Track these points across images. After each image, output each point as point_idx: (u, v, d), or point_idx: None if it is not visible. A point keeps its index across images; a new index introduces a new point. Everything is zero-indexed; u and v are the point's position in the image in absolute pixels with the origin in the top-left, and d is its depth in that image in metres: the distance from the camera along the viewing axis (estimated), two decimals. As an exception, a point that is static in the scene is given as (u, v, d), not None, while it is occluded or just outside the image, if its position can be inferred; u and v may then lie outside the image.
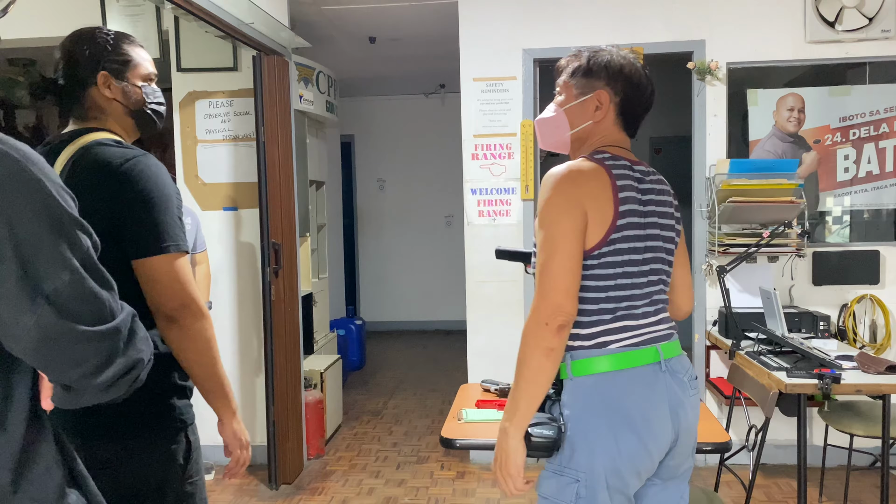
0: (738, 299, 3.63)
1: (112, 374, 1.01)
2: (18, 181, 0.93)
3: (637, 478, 1.56)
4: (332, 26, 4.86)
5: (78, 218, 1.00)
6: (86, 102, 1.58)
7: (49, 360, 0.97)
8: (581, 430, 1.54)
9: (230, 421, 1.66)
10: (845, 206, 3.88)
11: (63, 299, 0.95)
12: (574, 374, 1.56)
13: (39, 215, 0.94)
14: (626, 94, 1.65)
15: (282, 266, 3.73)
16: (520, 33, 3.97)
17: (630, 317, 1.57)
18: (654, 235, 1.62)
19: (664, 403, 1.56)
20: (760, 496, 3.51)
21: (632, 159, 1.65)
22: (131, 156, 1.49)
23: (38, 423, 1.03)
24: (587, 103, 1.66)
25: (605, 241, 1.53)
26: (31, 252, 0.93)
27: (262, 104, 3.62)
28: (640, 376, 1.55)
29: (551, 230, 1.52)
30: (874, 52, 3.77)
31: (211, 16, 2.98)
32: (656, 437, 1.55)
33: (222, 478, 1.76)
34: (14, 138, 0.98)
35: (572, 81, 1.68)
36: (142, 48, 1.68)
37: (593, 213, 1.53)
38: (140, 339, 1.07)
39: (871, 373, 2.67)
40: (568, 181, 1.54)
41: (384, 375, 6.21)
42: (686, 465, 1.67)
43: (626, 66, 1.65)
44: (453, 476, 3.88)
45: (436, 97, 7.73)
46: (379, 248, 8.16)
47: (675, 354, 1.63)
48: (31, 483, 0.99)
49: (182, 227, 1.53)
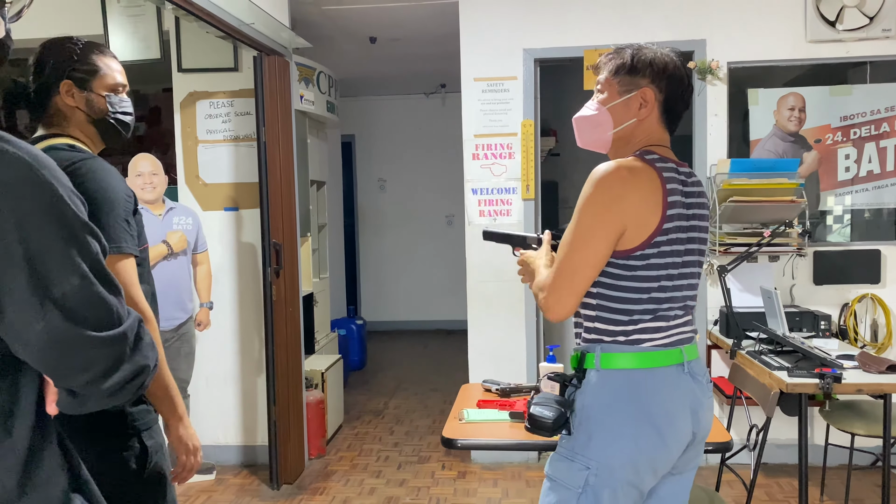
0: (739, 299, 3.63)
1: (118, 379, 1.01)
2: (30, 185, 0.93)
3: (653, 474, 1.58)
4: (333, 26, 4.86)
5: (87, 222, 1.00)
6: (50, 110, 1.63)
7: (56, 364, 0.97)
8: (603, 420, 1.56)
9: (175, 425, 1.67)
10: (846, 205, 3.88)
11: (72, 304, 0.95)
12: (602, 366, 1.58)
13: (50, 219, 0.94)
14: (669, 91, 1.64)
15: (283, 266, 3.73)
16: (520, 33, 3.97)
17: (664, 318, 1.59)
18: (694, 239, 1.63)
19: (686, 404, 1.59)
20: (761, 496, 3.51)
21: (676, 161, 1.66)
22: (78, 159, 1.52)
23: (43, 428, 1.02)
24: (631, 101, 1.64)
25: (649, 242, 1.54)
26: (41, 256, 0.93)
27: (263, 104, 3.62)
28: (666, 376, 1.58)
29: (582, 226, 1.54)
30: (875, 51, 3.77)
31: (211, 16, 2.99)
32: (677, 437, 1.57)
33: (170, 482, 1.75)
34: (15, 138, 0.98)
35: (615, 79, 1.66)
36: (113, 59, 1.71)
37: (639, 214, 1.53)
38: (146, 344, 1.07)
39: (872, 372, 2.67)
40: (617, 179, 1.54)
41: (385, 375, 6.21)
42: (695, 462, 1.71)
43: (670, 63, 1.64)
44: (454, 476, 3.89)
45: (436, 97, 7.73)
46: (380, 248, 8.17)
47: (695, 357, 1.65)
48: (37, 488, 0.99)
49: (129, 229, 1.55)
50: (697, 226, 1.64)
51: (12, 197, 0.91)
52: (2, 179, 0.91)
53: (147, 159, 3.62)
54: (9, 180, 0.92)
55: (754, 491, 2.36)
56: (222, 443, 4.15)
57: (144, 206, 3.60)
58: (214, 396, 4.15)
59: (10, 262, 0.91)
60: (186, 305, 3.69)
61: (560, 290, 1.57)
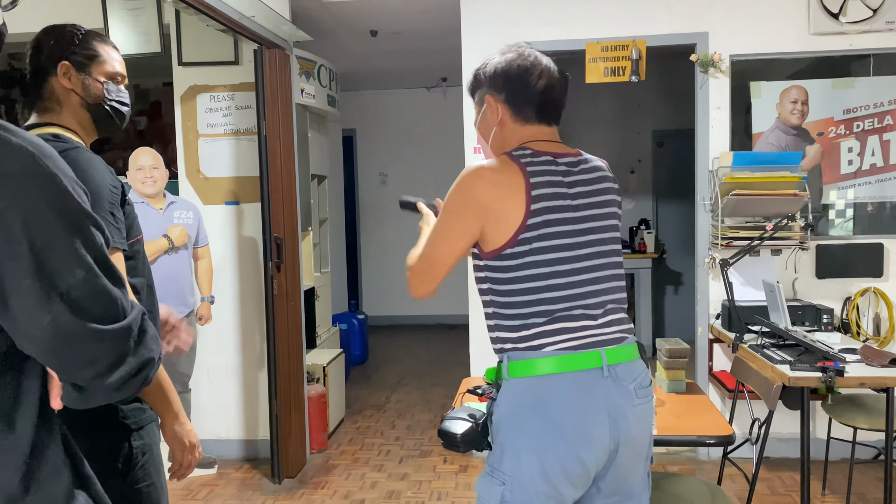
0: (742, 292, 3.62)
1: (123, 373, 0.99)
2: (34, 176, 0.92)
3: (571, 486, 1.50)
4: (334, 20, 4.84)
5: (92, 214, 0.98)
6: (45, 93, 1.59)
7: (62, 358, 0.95)
8: (510, 432, 1.51)
9: (170, 423, 1.64)
10: (849, 198, 3.86)
11: (77, 297, 0.93)
12: (510, 375, 1.54)
13: (55, 211, 0.92)
14: (507, 89, 1.63)
15: (284, 260, 3.73)
16: (522, 26, 3.95)
17: (568, 318, 1.51)
18: (593, 229, 1.57)
19: (602, 411, 1.49)
20: (764, 489, 3.51)
21: (556, 152, 1.60)
22: (61, 149, 1.48)
23: (46, 424, 1.01)
24: (486, 113, 1.67)
25: (516, 240, 1.51)
26: (46, 248, 0.91)
27: (264, 98, 3.61)
28: (578, 381, 1.49)
29: (447, 220, 1.59)
30: (878, 43, 3.75)
31: (212, 9, 2.98)
32: (590, 446, 1.48)
33: (169, 479, 1.73)
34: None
35: (473, 99, 1.73)
36: (114, 49, 1.68)
37: (499, 211, 1.52)
38: (150, 337, 1.05)
39: (875, 366, 2.67)
40: (475, 177, 1.56)
41: (386, 370, 6.22)
42: (632, 479, 1.58)
43: (501, 63, 1.64)
44: (456, 470, 3.89)
45: (438, 91, 7.71)
46: (381, 243, 8.16)
47: (623, 360, 1.54)
48: (41, 485, 0.98)
49: (115, 222, 1.51)
50: (595, 214, 1.58)
51: (17, 189, 0.90)
52: (6, 171, 0.90)
53: (148, 153, 3.62)
54: (13, 172, 0.90)
55: (756, 485, 2.36)
56: (224, 437, 4.16)
57: (145, 200, 3.60)
58: (216, 391, 4.15)
59: (15, 256, 0.90)
60: (187, 299, 3.69)
61: (419, 274, 1.64)
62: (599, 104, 6.58)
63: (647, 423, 1.59)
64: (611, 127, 6.83)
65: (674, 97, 6.39)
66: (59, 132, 1.57)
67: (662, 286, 6.80)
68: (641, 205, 6.90)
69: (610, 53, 3.86)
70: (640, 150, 6.90)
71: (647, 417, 1.59)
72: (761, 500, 3.39)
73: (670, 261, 6.78)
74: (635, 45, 3.82)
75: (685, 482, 2.31)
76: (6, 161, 0.90)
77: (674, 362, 2.63)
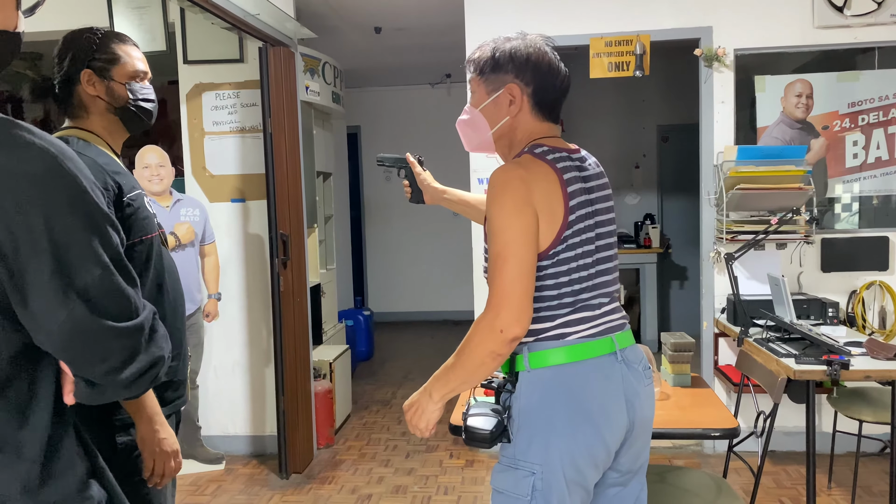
0: (747, 286, 3.63)
1: (135, 370, 1.03)
2: (55, 176, 0.95)
3: (595, 469, 1.54)
4: (338, 17, 4.85)
5: (108, 214, 1.01)
6: (74, 100, 1.65)
7: (77, 354, 0.98)
8: (538, 422, 1.52)
9: (142, 428, 1.57)
10: (854, 192, 3.86)
11: (93, 294, 0.97)
12: (532, 366, 1.54)
13: (74, 210, 0.96)
14: (536, 83, 1.58)
15: (290, 257, 3.74)
16: (526, 22, 3.95)
17: (587, 307, 1.54)
18: (602, 222, 1.59)
19: (620, 394, 1.54)
20: (769, 482, 3.51)
21: (568, 148, 1.60)
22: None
23: (60, 417, 1.04)
24: (500, 99, 1.59)
25: (559, 239, 1.50)
26: (65, 246, 0.94)
27: (269, 95, 3.62)
28: (598, 367, 1.53)
29: (504, 235, 1.46)
30: (883, 36, 3.74)
31: (217, 7, 2.99)
32: (613, 428, 1.53)
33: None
34: None
35: (482, 78, 1.62)
36: (134, 47, 1.72)
37: (545, 212, 1.49)
38: (160, 336, 1.08)
39: (880, 359, 2.67)
40: (517, 181, 1.48)
41: (392, 365, 6.24)
42: (643, 457, 1.65)
43: (533, 53, 1.58)
44: (462, 464, 3.90)
45: (442, 87, 7.72)
46: (386, 239, 8.17)
47: (629, 344, 1.60)
48: (56, 476, 1.01)
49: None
50: (602, 208, 1.60)
51: (41, 189, 0.93)
52: (31, 172, 0.93)
53: (154, 151, 3.63)
54: (38, 172, 0.94)
55: (762, 478, 2.37)
56: (231, 433, 4.18)
57: (152, 198, 3.61)
58: (223, 387, 4.17)
59: (36, 253, 0.93)
60: (195, 297, 3.71)
61: (515, 297, 1.44)
62: (604, 99, 6.57)
63: (653, 402, 1.67)
64: (615, 122, 6.82)
65: (678, 92, 6.37)
66: (70, 135, 1.61)
67: (668, 281, 6.80)
68: (646, 200, 6.90)
69: (614, 48, 3.86)
70: (644, 145, 6.89)
71: (653, 397, 1.67)
72: (767, 494, 3.40)
73: (675, 255, 6.78)
74: (639, 39, 3.82)
75: (691, 475, 2.32)
76: (32, 162, 0.94)
77: (679, 356, 2.64)
